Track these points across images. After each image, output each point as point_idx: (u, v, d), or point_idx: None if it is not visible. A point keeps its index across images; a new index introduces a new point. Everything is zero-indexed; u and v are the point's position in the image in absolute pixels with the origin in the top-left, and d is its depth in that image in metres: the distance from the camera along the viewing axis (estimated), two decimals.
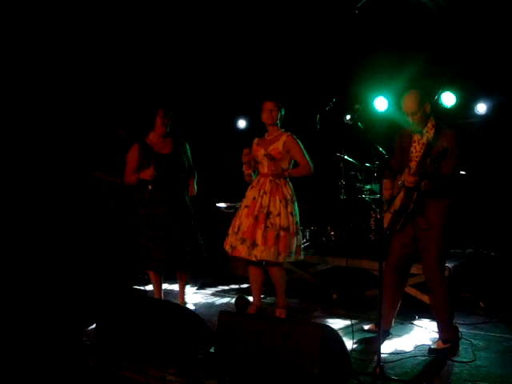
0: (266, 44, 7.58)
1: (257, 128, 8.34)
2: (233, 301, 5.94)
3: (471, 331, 5.12)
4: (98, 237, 6.45)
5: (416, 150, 4.67)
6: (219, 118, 8.66)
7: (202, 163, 8.09)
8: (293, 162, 5.40)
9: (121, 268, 6.30)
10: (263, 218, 5.16)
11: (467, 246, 6.70)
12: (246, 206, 5.32)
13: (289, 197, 5.25)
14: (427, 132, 4.62)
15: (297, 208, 5.32)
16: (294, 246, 5.20)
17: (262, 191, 5.25)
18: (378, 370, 3.85)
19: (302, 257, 5.37)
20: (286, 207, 5.20)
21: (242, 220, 5.28)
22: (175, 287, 6.08)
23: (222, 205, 7.52)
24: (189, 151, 5.71)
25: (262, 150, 5.37)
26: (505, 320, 5.49)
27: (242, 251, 5.18)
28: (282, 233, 5.13)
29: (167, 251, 5.32)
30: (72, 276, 6.11)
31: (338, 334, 3.87)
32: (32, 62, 6.55)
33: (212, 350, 4.11)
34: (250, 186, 5.43)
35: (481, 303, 5.97)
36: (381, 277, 4.20)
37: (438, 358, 4.43)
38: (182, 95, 8.10)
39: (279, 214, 5.16)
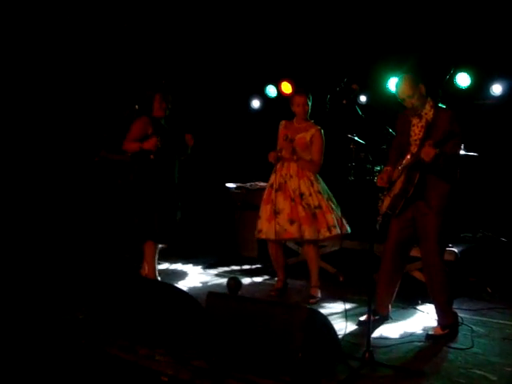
0: (279, 24, 7.49)
1: (270, 108, 8.34)
2: None
3: (474, 317, 5.03)
4: (103, 218, 6.48)
5: (415, 133, 4.56)
6: (233, 98, 8.59)
7: (214, 143, 8.12)
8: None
9: (128, 247, 6.32)
10: (299, 199, 5.36)
11: (478, 231, 6.56)
12: (277, 190, 5.44)
13: (312, 177, 5.43)
14: (426, 114, 4.51)
15: (323, 186, 5.51)
16: (334, 221, 5.35)
17: (288, 175, 5.41)
18: (366, 355, 3.79)
19: (348, 230, 5.52)
20: (313, 186, 5.40)
21: (279, 204, 5.38)
22: (178, 266, 6.08)
23: (231, 185, 7.48)
24: None
25: (288, 135, 5.45)
26: (510, 307, 5.37)
27: (294, 232, 5.34)
28: (316, 211, 5.34)
29: (164, 224, 5.50)
30: (72, 255, 6.17)
31: (326, 318, 3.82)
32: (33, 47, 6.58)
33: None
34: (273, 171, 5.54)
35: (488, 289, 5.85)
36: (372, 258, 4.13)
37: (434, 344, 4.35)
38: (196, 75, 8.07)
39: (310, 194, 5.37)
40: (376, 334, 4.52)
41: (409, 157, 4.51)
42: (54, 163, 6.91)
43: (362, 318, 4.77)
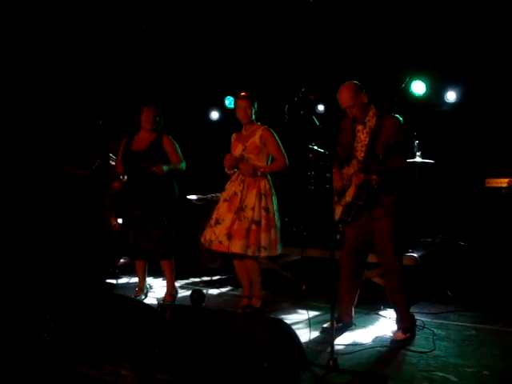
0: (237, 35, 7.55)
1: (230, 119, 8.34)
2: None
3: (435, 320, 5.12)
4: (64, 232, 6.38)
5: (361, 140, 4.55)
6: (192, 109, 8.60)
7: None
8: (270, 156, 5.35)
9: (89, 262, 6.26)
10: (239, 211, 5.17)
11: (437, 235, 6.68)
12: (226, 200, 5.32)
13: (264, 191, 5.23)
14: (369, 121, 4.52)
15: (274, 203, 5.30)
16: (266, 242, 5.14)
17: (242, 186, 5.25)
18: (331, 362, 3.82)
19: (278, 252, 5.32)
20: (260, 201, 5.19)
21: (221, 214, 5.28)
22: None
23: (192, 197, 7.47)
24: (172, 146, 5.75)
25: (240, 146, 5.34)
26: (470, 309, 5.47)
27: (229, 247, 5.17)
28: (253, 226, 5.12)
29: (149, 240, 5.59)
30: (35, 271, 6.08)
31: (289, 326, 3.82)
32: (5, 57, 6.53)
33: None
34: (229, 180, 5.41)
35: (448, 292, 5.96)
36: (332, 265, 4.12)
37: (396, 348, 4.40)
38: (154, 86, 8.05)
39: (253, 208, 5.15)
40: (340, 340, 4.55)
41: (355, 163, 4.46)
42: (12, 177, 6.81)
43: (326, 325, 4.79)
